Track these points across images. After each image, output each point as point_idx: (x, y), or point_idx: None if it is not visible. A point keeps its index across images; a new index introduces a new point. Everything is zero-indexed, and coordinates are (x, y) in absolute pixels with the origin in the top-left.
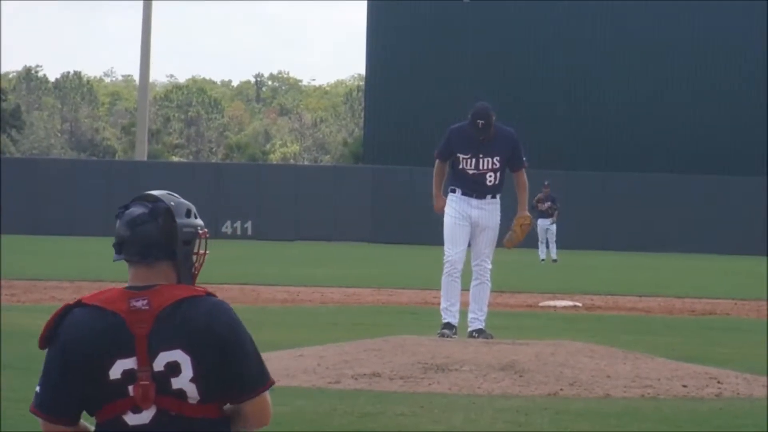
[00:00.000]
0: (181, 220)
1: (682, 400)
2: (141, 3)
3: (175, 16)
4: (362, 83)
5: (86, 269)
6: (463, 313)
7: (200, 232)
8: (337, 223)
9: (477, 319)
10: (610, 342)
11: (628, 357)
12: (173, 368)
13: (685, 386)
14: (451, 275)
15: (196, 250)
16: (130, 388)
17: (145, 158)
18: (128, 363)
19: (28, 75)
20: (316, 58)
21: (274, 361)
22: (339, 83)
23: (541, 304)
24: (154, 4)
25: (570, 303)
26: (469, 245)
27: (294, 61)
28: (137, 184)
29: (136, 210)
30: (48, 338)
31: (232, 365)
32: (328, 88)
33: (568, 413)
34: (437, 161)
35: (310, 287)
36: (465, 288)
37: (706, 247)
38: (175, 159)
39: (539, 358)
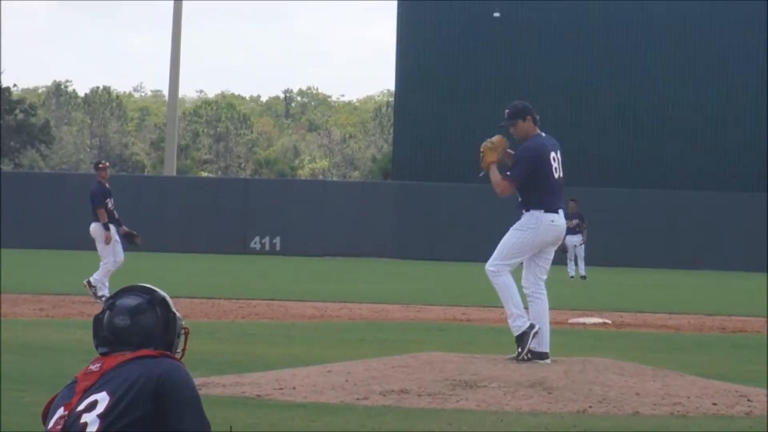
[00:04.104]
0: (177, 312)
1: (711, 418)
2: (170, 19)
3: (205, 32)
4: (391, 99)
5: (115, 284)
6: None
7: (184, 328)
8: (365, 239)
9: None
10: (639, 359)
11: (658, 374)
12: (91, 405)
13: (714, 404)
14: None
15: (181, 347)
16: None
17: (174, 173)
18: (60, 411)
19: (58, 90)
20: (345, 73)
21: (302, 377)
22: (368, 99)
23: (570, 320)
24: (184, 20)
25: (599, 320)
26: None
27: (323, 76)
28: (166, 199)
29: (132, 300)
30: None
31: (166, 417)
32: (357, 104)
33: (597, 431)
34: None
35: (338, 303)
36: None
37: (737, 265)
38: (204, 174)
39: (568, 375)
